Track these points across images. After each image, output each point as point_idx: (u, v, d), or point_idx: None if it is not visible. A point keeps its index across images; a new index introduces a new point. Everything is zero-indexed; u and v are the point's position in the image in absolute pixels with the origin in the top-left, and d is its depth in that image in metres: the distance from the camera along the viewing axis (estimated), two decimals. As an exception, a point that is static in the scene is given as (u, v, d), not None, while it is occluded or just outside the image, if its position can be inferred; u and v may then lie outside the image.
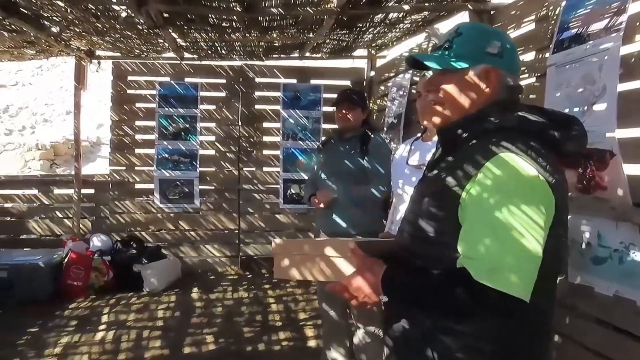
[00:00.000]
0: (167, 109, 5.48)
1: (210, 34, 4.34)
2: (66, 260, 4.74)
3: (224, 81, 5.67)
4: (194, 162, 5.55)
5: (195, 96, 5.54)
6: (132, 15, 3.56)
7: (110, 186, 5.58)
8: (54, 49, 4.75)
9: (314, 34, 4.34)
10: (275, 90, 5.70)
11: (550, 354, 1.25)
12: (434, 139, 2.41)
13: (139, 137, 5.61)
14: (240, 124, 5.66)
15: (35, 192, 5.61)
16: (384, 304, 1.35)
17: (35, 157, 11.42)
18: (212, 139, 5.68)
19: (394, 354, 1.34)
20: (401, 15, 3.86)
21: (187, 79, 5.57)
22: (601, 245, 1.94)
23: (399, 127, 4.21)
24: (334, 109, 3.05)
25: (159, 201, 5.51)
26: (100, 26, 3.97)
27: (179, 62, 5.44)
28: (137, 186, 5.65)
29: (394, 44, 5.08)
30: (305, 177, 4.80)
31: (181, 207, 5.59)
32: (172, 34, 4.29)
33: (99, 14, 3.61)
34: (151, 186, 5.55)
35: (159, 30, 3.97)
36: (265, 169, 5.73)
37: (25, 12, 3.57)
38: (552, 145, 1.18)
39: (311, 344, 3.70)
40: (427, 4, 3.57)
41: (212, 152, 5.68)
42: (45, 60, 5.47)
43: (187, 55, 5.32)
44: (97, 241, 5.22)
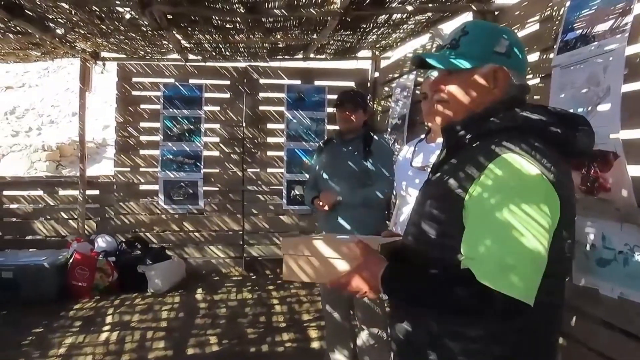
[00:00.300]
0: (171, 110, 5.50)
1: (214, 36, 4.36)
2: (71, 261, 4.76)
3: (228, 82, 5.68)
4: (198, 164, 5.56)
5: (199, 97, 5.55)
6: (136, 17, 3.58)
7: (115, 187, 5.59)
8: (59, 50, 4.77)
9: (318, 35, 4.34)
10: (279, 91, 5.70)
11: (556, 357, 1.24)
12: (438, 140, 2.40)
13: (143, 138, 5.63)
14: (244, 125, 5.67)
15: (40, 193, 5.63)
16: (389, 306, 1.34)
17: (41, 158, 11.47)
18: (217, 140, 5.69)
19: (397, 355, 1.33)
20: (405, 16, 3.85)
21: (191, 81, 5.59)
22: (605, 247, 1.92)
23: (402, 128, 4.20)
24: (335, 110, 3.04)
25: (164, 202, 5.53)
26: (104, 28, 3.99)
27: (184, 63, 5.47)
28: (142, 187, 5.67)
29: (398, 45, 5.07)
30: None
31: (185, 208, 5.61)
32: (176, 35, 4.31)
33: (103, 15, 3.63)
34: (156, 187, 5.57)
35: (163, 31, 3.99)
36: (269, 170, 5.73)
37: (30, 14, 3.59)
38: (558, 144, 1.17)
39: (315, 345, 3.70)
40: (430, 5, 3.57)
41: (216, 153, 5.69)
42: (51, 62, 5.51)
43: (191, 56, 5.34)
44: (102, 242, 5.24)
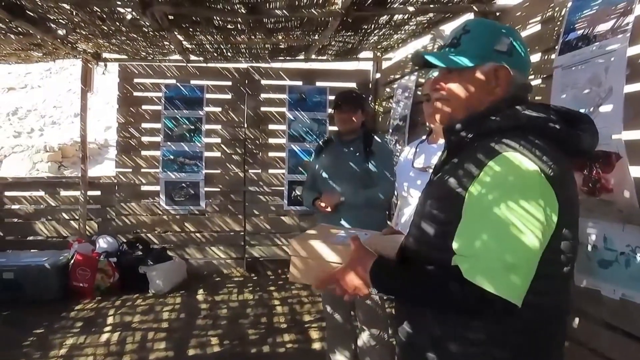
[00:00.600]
0: (172, 111, 5.50)
1: (215, 36, 4.36)
2: (72, 261, 4.76)
3: (229, 83, 5.68)
4: (200, 164, 5.56)
5: (201, 98, 5.55)
6: (138, 17, 3.58)
7: (116, 188, 5.59)
8: (61, 51, 4.78)
9: (319, 35, 4.34)
10: (280, 92, 5.69)
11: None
12: (440, 141, 2.40)
13: (145, 139, 5.63)
14: (245, 126, 5.67)
15: (42, 194, 5.63)
16: (393, 307, 1.34)
17: (43, 159, 11.49)
18: (218, 141, 5.69)
19: (400, 357, 1.33)
20: (406, 17, 3.85)
21: (192, 81, 5.59)
22: (607, 248, 1.91)
23: (404, 129, 4.20)
24: (334, 111, 3.02)
25: (165, 203, 5.53)
26: (106, 29, 3.99)
27: (185, 64, 5.47)
28: (143, 188, 5.66)
29: (400, 46, 5.07)
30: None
31: (187, 209, 5.61)
32: (178, 36, 4.31)
33: (105, 16, 3.63)
34: (157, 188, 5.57)
35: (164, 32, 3.99)
36: (270, 171, 5.73)
37: (31, 14, 3.59)
38: (559, 142, 1.16)
39: (316, 346, 3.70)
40: (432, 6, 3.57)
41: (217, 154, 5.69)
42: (53, 63, 5.51)
43: (192, 57, 5.35)
44: (103, 243, 5.24)
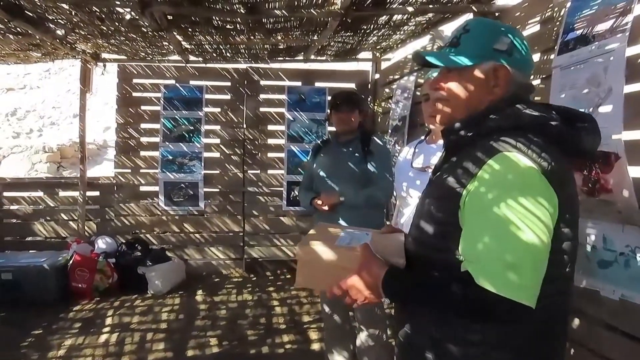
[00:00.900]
0: (172, 111, 5.49)
1: (214, 37, 4.35)
2: (71, 262, 4.75)
3: (228, 84, 5.67)
4: (199, 165, 5.55)
5: (200, 99, 5.54)
6: (137, 17, 3.57)
7: (115, 188, 5.58)
8: (60, 51, 4.77)
9: (319, 36, 4.34)
10: (280, 92, 5.69)
11: None
12: (439, 141, 2.39)
13: (144, 139, 5.62)
14: (245, 126, 5.66)
15: (40, 194, 5.62)
16: (394, 309, 1.34)
17: (42, 159, 11.49)
18: (217, 141, 5.68)
19: (399, 357, 1.34)
20: (405, 17, 3.85)
21: (192, 82, 5.58)
22: (607, 248, 1.91)
23: (403, 129, 4.20)
24: (331, 112, 3.02)
25: (164, 203, 5.52)
26: (105, 29, 3.98)
27: (184, 64, 5.47)
28: (142, 188, 5.65)
29: (399, 46, 5.07)
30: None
31: (186, 210, 5.60)
32: (177, 36, 4.30)
33: (104, 16, 3.62)
34: (156, 188, 5.56)
35: (163, 32, 3.98)
36: (269, 172, 5.72)
37: (30, 14, 3.58)
38: (559, 141, 1.15)
39: (315, 346, 3.69)
40: (431, 6, 3.56)
41: (216, 154, 5.68)
42: (52, 63, 5.50)
43: (192, 58, 5.34)
44: (102, 243, 5.23)
